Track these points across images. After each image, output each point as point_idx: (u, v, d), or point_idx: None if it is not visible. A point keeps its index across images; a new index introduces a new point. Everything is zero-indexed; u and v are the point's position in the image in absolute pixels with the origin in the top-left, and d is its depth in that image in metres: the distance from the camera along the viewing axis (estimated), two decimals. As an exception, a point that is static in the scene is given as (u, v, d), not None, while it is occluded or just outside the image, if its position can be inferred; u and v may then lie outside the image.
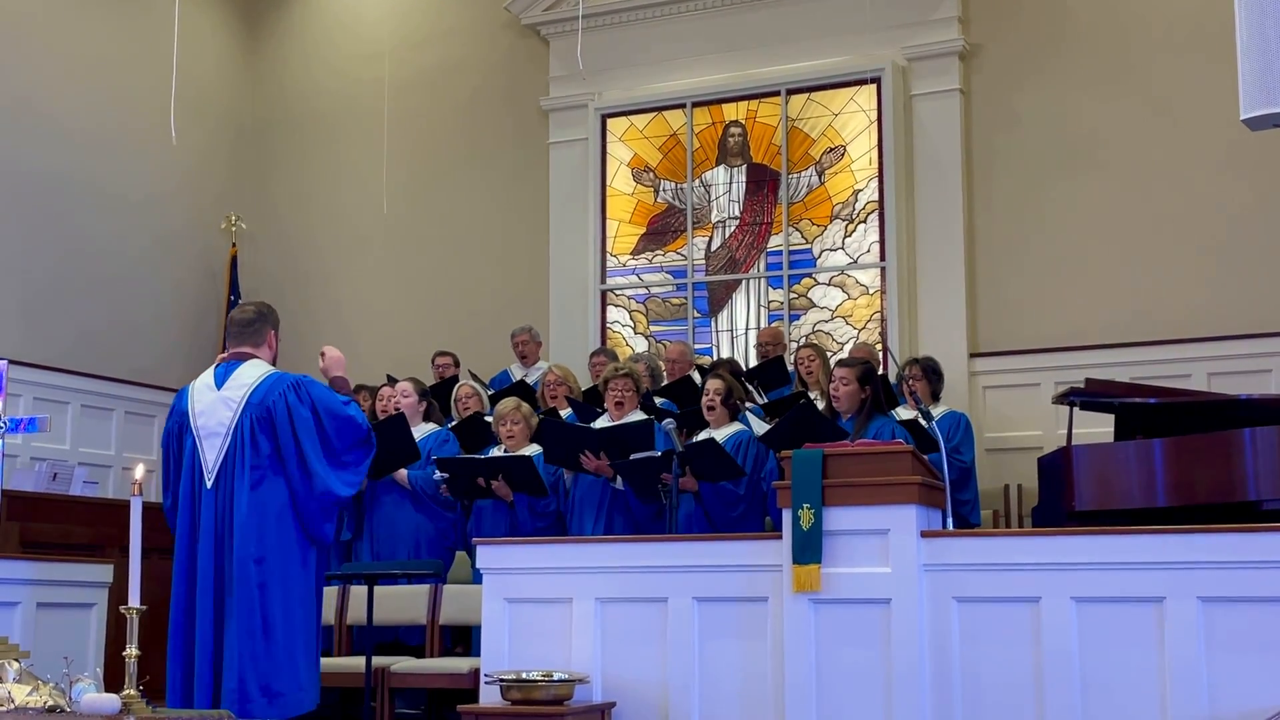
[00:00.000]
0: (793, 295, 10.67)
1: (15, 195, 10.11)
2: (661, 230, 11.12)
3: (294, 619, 5.33)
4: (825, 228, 10.63)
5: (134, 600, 4.09)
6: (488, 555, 5.61)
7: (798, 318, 10.64)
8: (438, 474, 7.65)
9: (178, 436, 5.56)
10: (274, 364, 5.63)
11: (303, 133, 12.28)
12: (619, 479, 7.29)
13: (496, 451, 7.81)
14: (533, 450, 7.62)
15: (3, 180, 10.05)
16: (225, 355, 5.64)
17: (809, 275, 10.65)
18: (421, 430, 8.05)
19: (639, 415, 7.51)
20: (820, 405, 7.38)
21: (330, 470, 5.41)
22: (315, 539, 5.45)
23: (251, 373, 5.48)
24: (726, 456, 6.98)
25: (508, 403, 7.89)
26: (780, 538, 5.09)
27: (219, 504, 5.35)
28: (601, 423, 7.64)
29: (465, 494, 7.57)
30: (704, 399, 7.49)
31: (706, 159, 11.06)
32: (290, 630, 5.31)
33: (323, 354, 5.94)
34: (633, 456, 7.03)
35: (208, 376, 5.56)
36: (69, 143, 10.55)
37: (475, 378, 9.79)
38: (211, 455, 5.40)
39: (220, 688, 5.22)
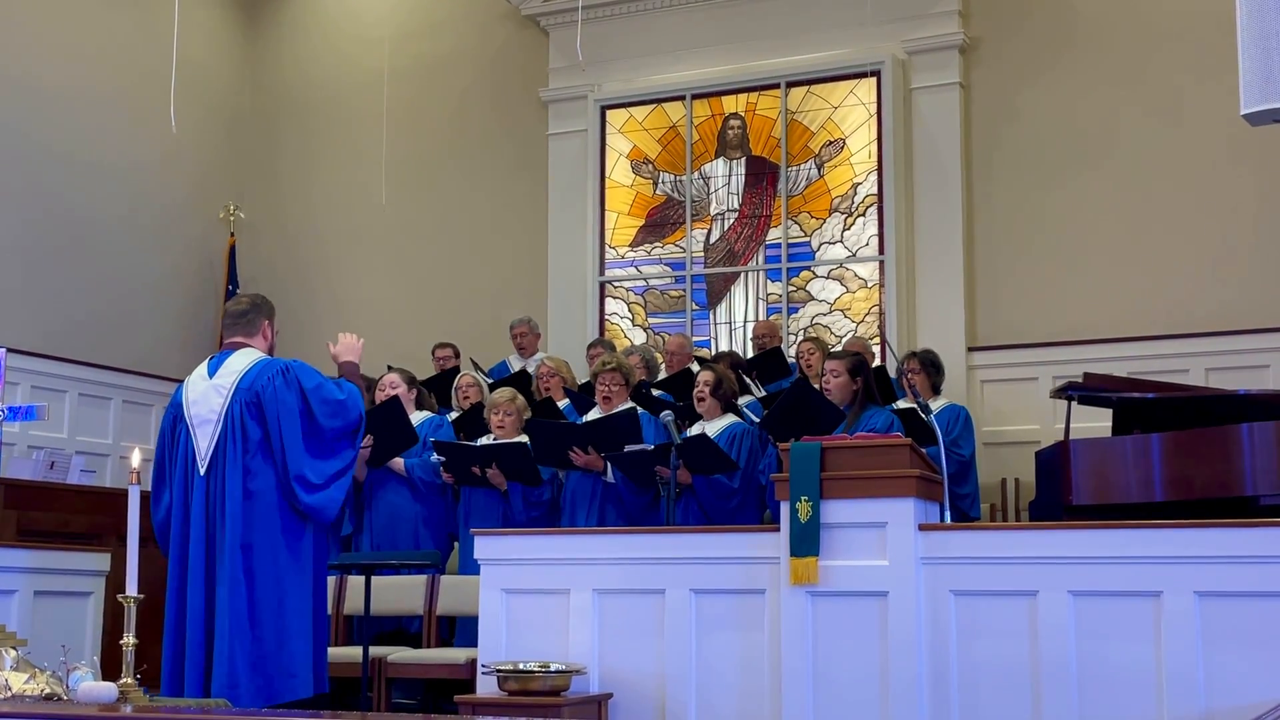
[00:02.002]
0: (791, 288, 10.67)
1: (14, 184, 10.09)
2: (660, 222, 11.12)
3: (285, 606, 5.32)
4: (824, 221, 10.63)
5: (131, 589, 4.10)
6: (485, 546, 5.61)
7: (796, 310, 10.64)
8: (435, 456, 7.66)
9: (171, 429, 5.56)
10: (270, 354, 5.65)
11: (301, 122, 12.27)
12: (609, 472, 7.29)
13: (487, 440, 7.80)
14: (524, 439, 7.61)
15: (1, 168, 10.03)
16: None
17: (807, 268, 10.65)
18: (416, 419, 8.04)
19: (628, 407, 7.51)
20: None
21: (308, 457, 5.40)
22: (313, 518, 5.43)
23: (242, 360, 5.51)
24: (718, 450, 6.99)
25: (503, 392, 7.88)
26: (778, 530, 5.09)
27: (211, 491, 5.36)
28: (592, 416, 7.64)
29: (461, 478, 7.58)
30: (694, 390, 7.51)
31: (706, 151, 11.05)
32: (281, 617, 5.30)
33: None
34: (627, 448, 7.04)
35: (202, 368, 5.60)
36: (68, 132, 10.54)
37: (477, 367, 9.79)
38: (204, 443, 5.41)
39: (211, 675, 5.21)
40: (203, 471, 5.38)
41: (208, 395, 5.45)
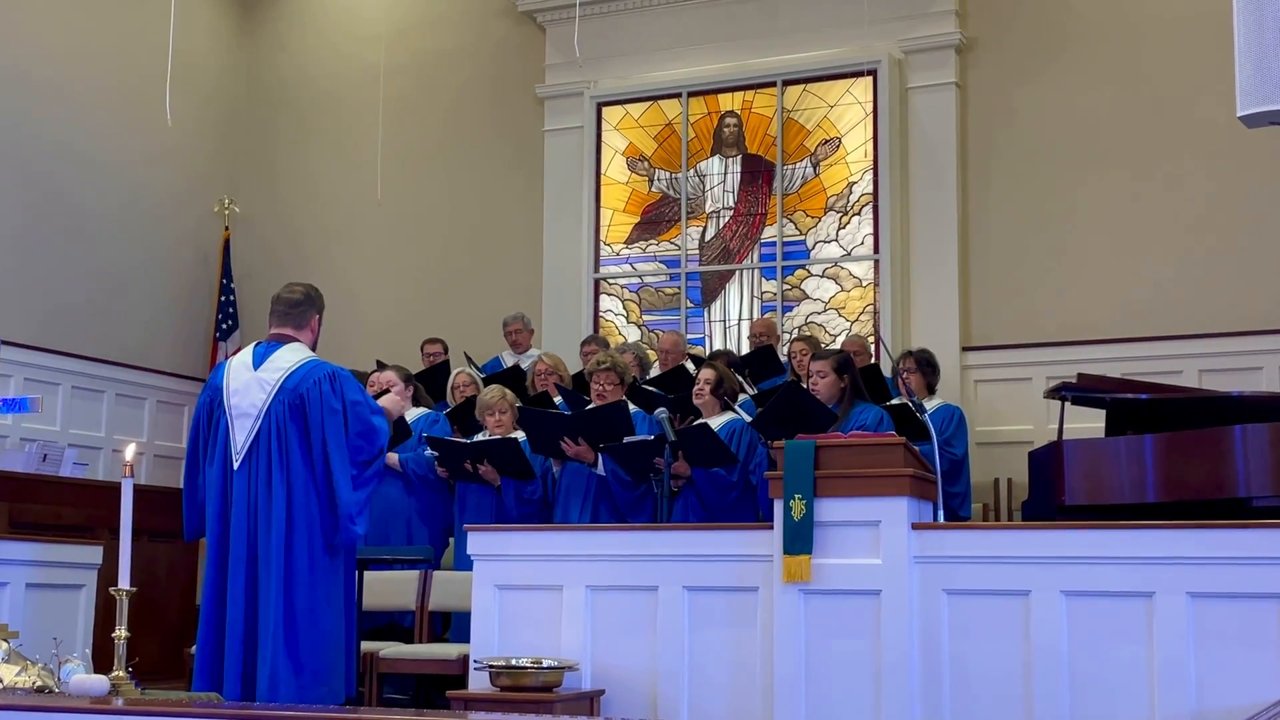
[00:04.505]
0: (786, 286, 10.67)
1: (8, 177, 10.07)
2: (655, 220, 11.11)
3: (326, 612, 5.23)
4: (819, 219, 10.63)
5: (124, 582, 4.09)
6: (478, 542, 5.61)
7: (791, 309, 10.64)
8: (429, 451, 7.66)
9: (208, 412, 5.44)
10: (314, 348, 5.55)
11: (297, 117, 12.25)
12: (599, 464, 7.30)
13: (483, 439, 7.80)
14: (516, 436, 7.62)
15: (-4, 160, 10.03)
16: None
17: (802, 267, 10.65)
18: (412, 415, 8.05)
19: (618, 400, 7.52)
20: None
21: (346, 474, 5.31)
22: (338, 539, 5.32)
23: (290, 357, 5.38)
24: (719, 442, 7.00)
25: (493, 391, 7.85)
26: (771, 528, 5.10)
27: (249, 487, 5.25)
28: (585, 412, 7.66)
29: (455, 473, 7.59)
30: (694, 388, 7.51)
31: (701, 149, 11.05)
32: (321, 623, 5.21)
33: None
34: (625, 440, 7.05)
35: (246, 355, 5.45)
36: (64, 125, 10.51)
37: (471, 362, 9.78)
38: (241, 436, 5.30)
39: (251, 672, 5.16)
40: (236, 465, 5.29)
41: (250, 388, 5.33)
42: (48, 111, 10.40)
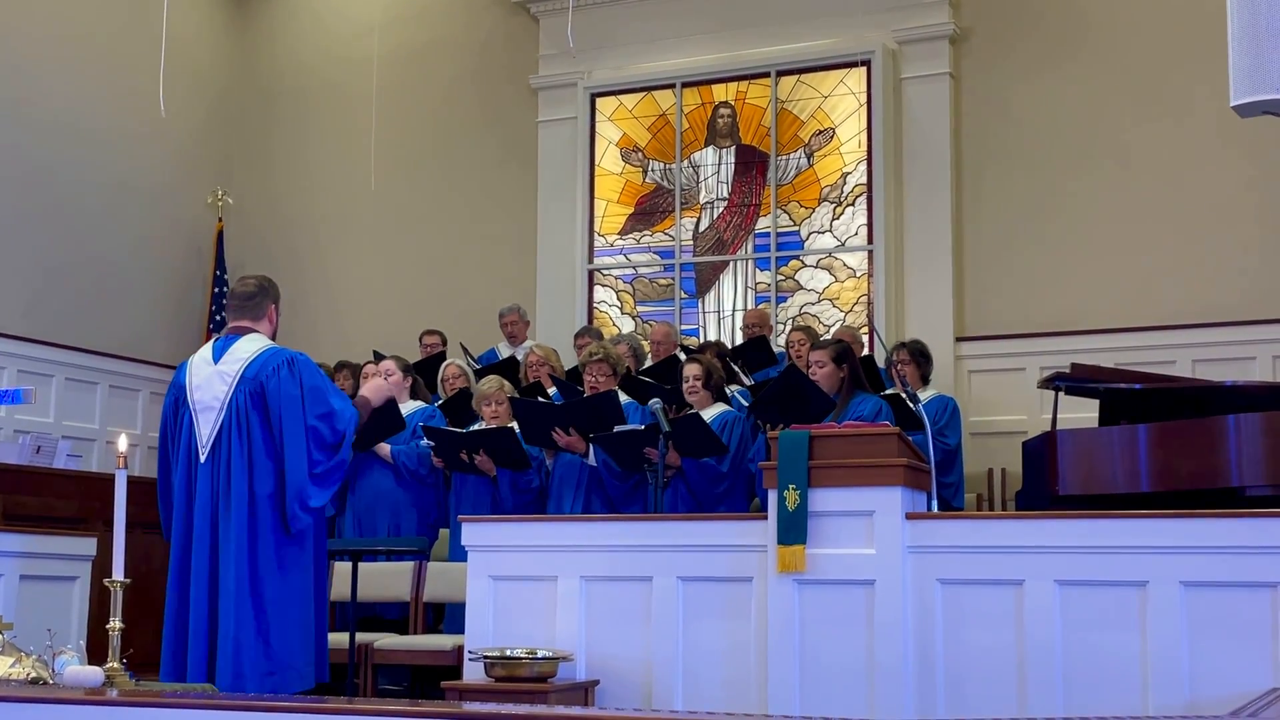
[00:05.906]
0: (780, 277, 10.67)
1: (2, 171, 10.05)
2: (649, 211, 11.11)
3: (290, 596, 5.27)
4: (813, 210, 10.63)
5: (118, 573, 4.08)
6: (473, 532, 5.61)
7: (785, 300, 10.64)
8: (425, 441, 7.66)
9: (174, 412, 5.48)
10: (274, 338, 5.58)
11: (291, 108, 12.23)
12: (591, 454, 7.30)
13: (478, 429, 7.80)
14: (515, 426, 7.62)
15: (-12, 151, 10.01)
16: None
17: (796, 257, 10.65)
18: (408, 408, 8.05)
19: (608, 390, 7.52)
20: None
21: (305, 454, 5.30)
22: (287, 523, 5.30)
23: (248, 347, 5.41)
24: (710, 432, 7.00)
25: (490, 382, 7.87)
26: (766, 518, 5.10)
27: (213, 479, 5.28)
28: (578, 404, 7.66)
29: (451, 464, 7.59)
30: (684, 385, 7.51)
31: (695, 140, 11.04)
32: (286, 607, 5.25)
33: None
34: (617, 429, 7.06)
35: (206, 351, 5.49)
36: (57, 115, 10.49)
37: (467, 353, 9.78)
38: (206, 429, 5.33)
39: (214, 662, 5.18)
40: (203, 459, 5.30)
41: (211, 381, 5.37)
42: (41, 103, 10.38)
